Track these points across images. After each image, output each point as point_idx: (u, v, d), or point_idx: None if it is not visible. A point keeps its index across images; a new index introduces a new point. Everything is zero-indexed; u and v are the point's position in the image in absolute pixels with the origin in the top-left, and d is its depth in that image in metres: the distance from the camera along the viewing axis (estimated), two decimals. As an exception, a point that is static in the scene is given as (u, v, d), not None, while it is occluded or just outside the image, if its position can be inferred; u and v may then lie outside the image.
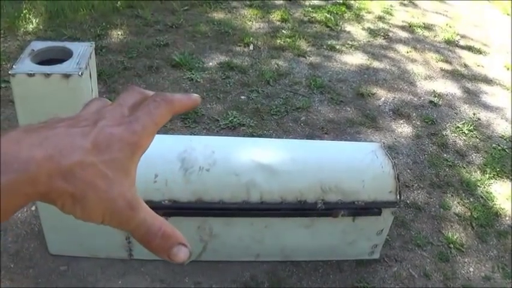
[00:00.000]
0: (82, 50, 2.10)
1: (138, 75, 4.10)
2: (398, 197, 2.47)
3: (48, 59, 2.08)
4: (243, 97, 4.01)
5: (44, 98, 1.98)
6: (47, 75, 1.92)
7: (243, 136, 3.50)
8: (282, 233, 2.50)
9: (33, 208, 2.74)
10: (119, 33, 4.72)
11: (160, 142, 2.46)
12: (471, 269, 2.86)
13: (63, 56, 2.07)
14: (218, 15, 5.34)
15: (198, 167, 2.22)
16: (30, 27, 4.57)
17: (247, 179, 2.28)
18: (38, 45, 2.12)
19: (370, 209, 2.46)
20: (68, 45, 2.16)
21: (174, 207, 2.23)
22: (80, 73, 1.93)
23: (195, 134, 3.47)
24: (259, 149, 2.48)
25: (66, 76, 1.92)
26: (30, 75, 1.92)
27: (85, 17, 4.88)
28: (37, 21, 4.66)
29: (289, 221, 2.44)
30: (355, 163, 2.47)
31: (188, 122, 3.60)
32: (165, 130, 3.41)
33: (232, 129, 3.60)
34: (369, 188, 2.42)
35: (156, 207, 2.22)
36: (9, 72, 1.93)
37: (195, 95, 0.52)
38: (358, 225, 2.54)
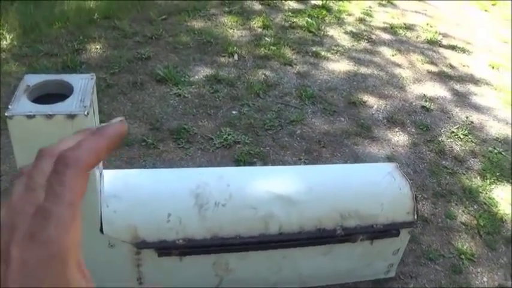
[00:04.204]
0: (83, 84, 1.94)
1: (122, 93, 3.92)
2: (415, 217, 2.39)
3: (45, 94, 1.91)
4: (234, 112, 3.87)
5: (45, 137, 1.81)
6: (49, 116, 1.75)
7: (240, 153, 3.38)
8: (300, 261, 2.38)
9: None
10: (98, 46, 4.52)
11: (170, 178, 2.33)
12: (485, 279, 2.82)
13: (62, 90, 1.91)
14: (198, 23, 5.18)
15: (214, 202, 2.08)
16: (4, 43, 4.33)
17: (265, 212, 2.15)
18: (33, 80, 1.94)
19: (389, 231, 2.38)
20: (66, 78, 1.99)
21: (189, 246, 2.09)
22: (85, 112, 1.78)
23: (189, 155, 3.32)
24: (275, 178, 2.35)
25: (71, 117, 1.76)
26: (30, 117, 1.75)
27: (60, 31, 4.66)
28: (11, 37, 4.42)
29: (308, 249, 2.33)
30: (373, 187, 2.37)
31: (181, 142, 3.44)
32: (158, 153, 3.26)
33: (228, 147, 3.46)
34: (387, 211, 2.33)
35: (170, 247, 2.08)
36: (6, 114, 1.75)
37: (117, 119, 0.42)
38: (376, 247, 2.45)
